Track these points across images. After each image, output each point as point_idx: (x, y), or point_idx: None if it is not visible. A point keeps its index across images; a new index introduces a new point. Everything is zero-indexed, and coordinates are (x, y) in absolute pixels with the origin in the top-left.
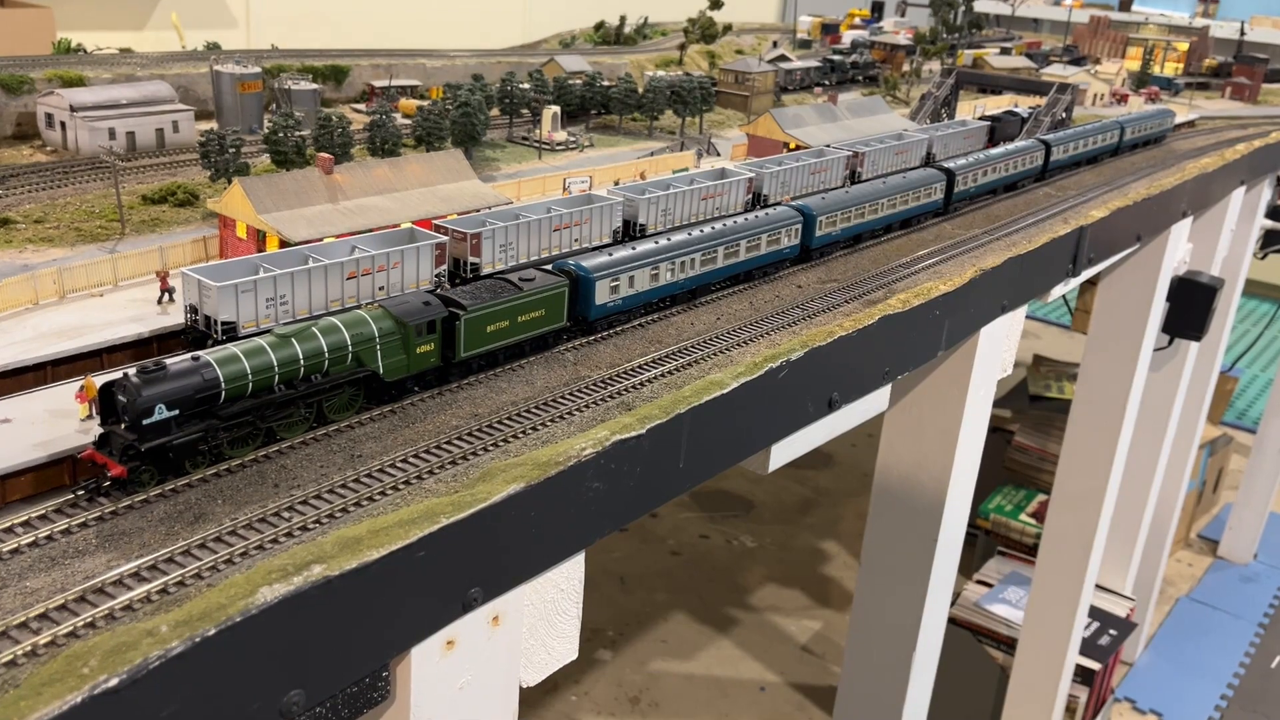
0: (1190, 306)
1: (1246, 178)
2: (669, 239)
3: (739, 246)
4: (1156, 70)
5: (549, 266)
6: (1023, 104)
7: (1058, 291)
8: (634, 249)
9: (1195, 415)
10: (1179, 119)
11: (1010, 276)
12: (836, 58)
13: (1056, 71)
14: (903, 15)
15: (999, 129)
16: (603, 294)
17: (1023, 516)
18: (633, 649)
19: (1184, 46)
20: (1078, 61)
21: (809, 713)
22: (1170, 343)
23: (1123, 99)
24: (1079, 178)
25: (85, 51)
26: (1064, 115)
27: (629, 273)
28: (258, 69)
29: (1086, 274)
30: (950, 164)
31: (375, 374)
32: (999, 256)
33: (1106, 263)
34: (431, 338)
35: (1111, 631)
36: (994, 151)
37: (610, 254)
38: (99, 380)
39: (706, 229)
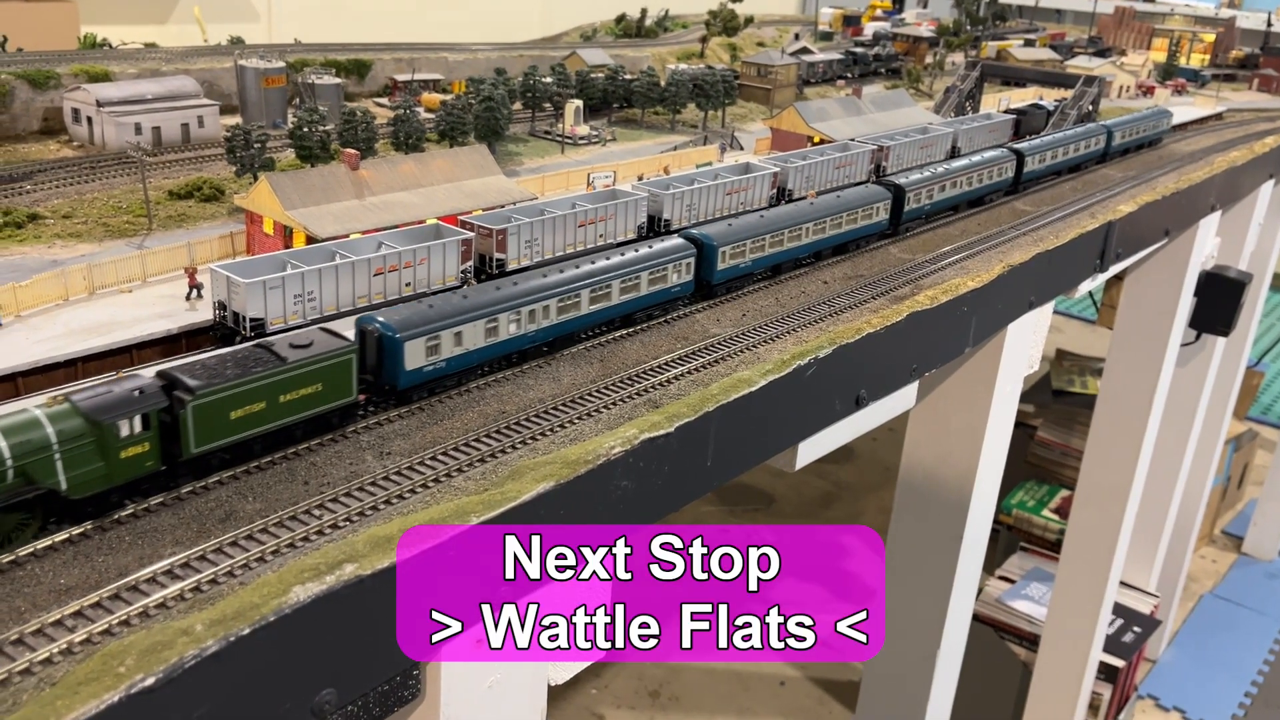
0: (1218, 301)
1: (1275, 171)
2: (515, 284)
3: (610, 289)
4: (1183, 62)
5: (353, 319)
6: (1048, 96)
7: (1085, 287)
8: (465, 298)
9: (1221, 410)
10: (1206, 111)
11: (1038, 272)
12: (859, 50)
13: (1081, 63)
14: (925, 6)
15: (1024, 122)
16: (416, 357)
17: (1045, 512)
18: None
19: (1210, 38)
20: (1103, 53)
21: (829, 707)
22: (1197, 338)
23: (1149, 91)
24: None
25: (110, 46)
26: (1090, 108)
27: (454, 328)
28: (281, 63)
29: (1114, 269)
30: (900, 179)
31: (55, 491)
32: (1027, 252)
33: (1134, 258)
34: (146, 435)
35: (1135, 628)
36: (955, 164)
37: (430, 305)
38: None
39: (570, 270)
